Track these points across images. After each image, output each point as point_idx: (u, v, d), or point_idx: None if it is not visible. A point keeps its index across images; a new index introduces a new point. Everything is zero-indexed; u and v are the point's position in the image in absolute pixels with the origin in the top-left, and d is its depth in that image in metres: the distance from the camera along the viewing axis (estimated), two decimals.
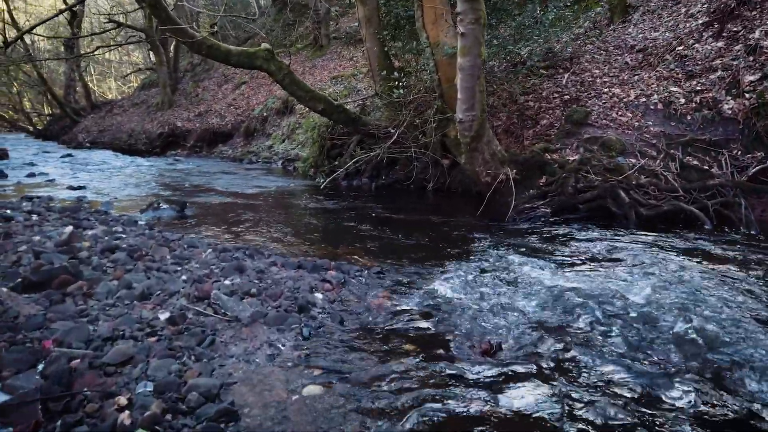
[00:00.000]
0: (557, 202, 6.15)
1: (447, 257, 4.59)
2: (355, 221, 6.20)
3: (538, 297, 3.49)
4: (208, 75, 23.16)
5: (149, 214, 5.99)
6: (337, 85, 14.08)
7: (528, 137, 7.66)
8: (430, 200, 8.04)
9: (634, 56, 8.67)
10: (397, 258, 4.58)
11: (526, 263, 4.31)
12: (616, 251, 4.71)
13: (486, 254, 4.64)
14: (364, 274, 3.89)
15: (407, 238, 5.42)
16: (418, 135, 8.01)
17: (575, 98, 7.88)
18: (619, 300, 3.49)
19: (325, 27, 19.34)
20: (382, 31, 8.58)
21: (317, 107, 7.77)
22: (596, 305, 3.37)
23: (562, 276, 3.98)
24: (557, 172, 6.42)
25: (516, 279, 3.89)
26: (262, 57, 7.15)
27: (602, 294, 3.57)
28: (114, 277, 3.09)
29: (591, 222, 5.91)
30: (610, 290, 3.65)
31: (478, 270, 4.13)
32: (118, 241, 3.94)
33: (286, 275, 3.52)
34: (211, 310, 2.72)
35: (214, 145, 17.20)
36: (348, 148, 9.39)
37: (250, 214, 6.48)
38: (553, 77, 8.77)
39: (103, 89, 42.85)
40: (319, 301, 3.14)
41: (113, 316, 2.59)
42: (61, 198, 7.01)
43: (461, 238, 5.34)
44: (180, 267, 3.48)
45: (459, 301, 3.36)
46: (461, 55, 5.91)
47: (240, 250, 4.24)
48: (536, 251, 4.72)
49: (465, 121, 6.20)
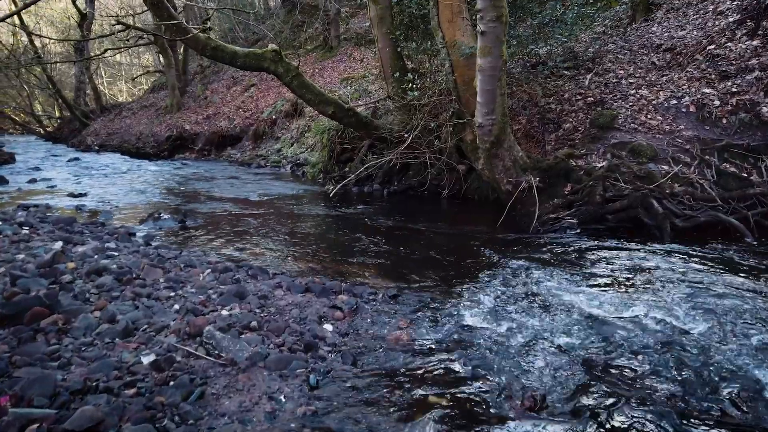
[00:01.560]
0: (584, 213, 5.72)
1: (469, 276, 4.18)
2: (367, 232, 5.81)
3: (577, 327, 3.07)
4: (217, 77, 22.91)
5: (149, 225, 5.64)
6: (348, 88, 13.70)
7: (550, 142, 7.23)
8: (445, 208, 7.62)
9: (661, 56, 8.21)
10: (414, 276, 4.18)
11: (558, 284, 3.89)
12: (655, 269, 4.27)
13: (512, 272, 4.23)
14: (378, 297, 3.49)
15: (423, 252, 5.02)
16: (432, 139, 7.60)
17: (600, 100, 7.43)
18: (667, 330, 3.07)
19: (335, 28, 19.00)
20: (395, 30, 8.18)
21: (327, 110, 7.39)
22: (643, 337, 2.95)
23: (599, 300, 3.56)
24: (583, 179, 5.99)
25: (549, 304, 3.48)
26: (269, 58, 6.78)
27: (648, 323, 3.15)
28: (96, 307, 2.72)
29: (621, 234, 5.48)
30: (656, 318, 3.22)
31: (506, 293, 3.72)
32: (108, 260, 3.58)
33: (291, 301, 3.13)
34: (204, 351, 2.34)
35: (222, 149, 16.90)
36: (359, 153, 9.01)
37: (255, 224, 6.11)
38: (574, 78, 8.33)
39: (114, 92, 42.92)
40: (329, 334, 2.75)
41: (89, 360, 2.22)
42: (59, 207, 6.70)
43: (483, 252, 4.92)
44: (174, 292, 3.10)
45: (487, 333, 2.95)
46: (481, 55, 5.50)
47: (243, 268, 3.87)
48: (567, 269, 4.30)
49: (485, 125, 5.80)
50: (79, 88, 27.28)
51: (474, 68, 6.92)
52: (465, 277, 4.18)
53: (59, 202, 7.11)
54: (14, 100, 29.65)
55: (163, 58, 20.82)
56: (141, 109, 24.09)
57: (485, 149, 5.91)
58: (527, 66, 8.64)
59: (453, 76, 6.98)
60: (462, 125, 7.26)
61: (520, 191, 5.92)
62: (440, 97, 7.59)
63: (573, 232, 5.65)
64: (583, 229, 5.66)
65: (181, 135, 18.04)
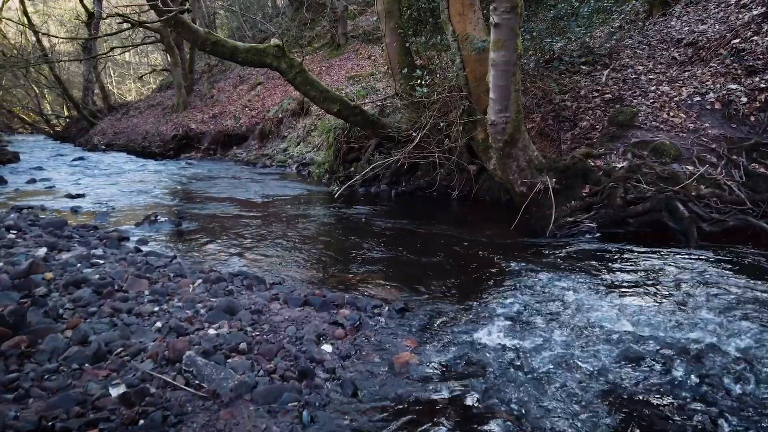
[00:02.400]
0: (604, 216, 5.37)
1: (482, 286, 3.87)
2: (373, 236, 5.51)
3: (604, 349, 2.75)
4: (224, 76, 22.71)
5: (145, 228, 5.38)
6: (355, 85, 13.40)
7: (566, 141, 6.88)
8: (455, 210, 7.30)
9: (683, 50, 7.82)
10: (423, 286, 3.87)
11: (580, 296, 3.57)
12: (683, 278, 3.94)
13: (529, 282, 3.91)
14: (383, 311, 3.19)
15: (433, 258, 4.71)
16: (442, 138, 7.28)
17: (618, 97, 7.07)
18: (708, 352, 2.74)
19: (343, 25, 18.71)
20: (403, 25, 7.87)
21: (332, 109, 7.09)
22: (679, 361, 2.63)
23: (625, 314, 3.23)
24: (602, 180, 5.65)
25: (571, 319, 3.16)
26: (272, 54, 6.50)
27: (683, 342, 2.82)
28: (68, 326, 2.45)
29: (644, 239, 5.13)
30: (692, 339, 2.90)
31: (522, 306, 3.40)
32: (91, 269, 3.31)
33: (288, 316, 2.84)
34: (183, 380, 2.06)
35: (228, 148, 16.67)
36: (365, 153, 8.71)
37: (255, 227, 5.83)
38: (590, 74, 7.96)
39: (122, 91, 42.96)
40: (328, 357, 2.45)
41: (50, 391, 1.94)
42: (55, 208, 6.47)
43: (496, 259, 4.60)
44: (158, 306, 2.82)
45: (504, 355, 2.64)
46: (494, 49, 5.18)
47: (238, 277, 3.58)
48: (588, 278, 3.97)
49: (498, 123, 5.47)
50: (87, 87, 27.22)
51: (486, 63, 6.59)
52: (477, 287, 3.87)
53: (55, 203, 6.88)
54: (21, 101, 29.70)
55: (169, 56, 20.63)
56: (148, 108, 23.96)
57: (498, 149, 5.59)
58: (540, 61, 8.29)
59: (464, 71, 6.66)
60: (473, 123, 6.93)
61: (535, 193, 5.60)
62: (450, 94, 7.26)
63: (592, 236, 5.31)
64: (602, 233, 5.32)
65: (186, 134, 17.85)
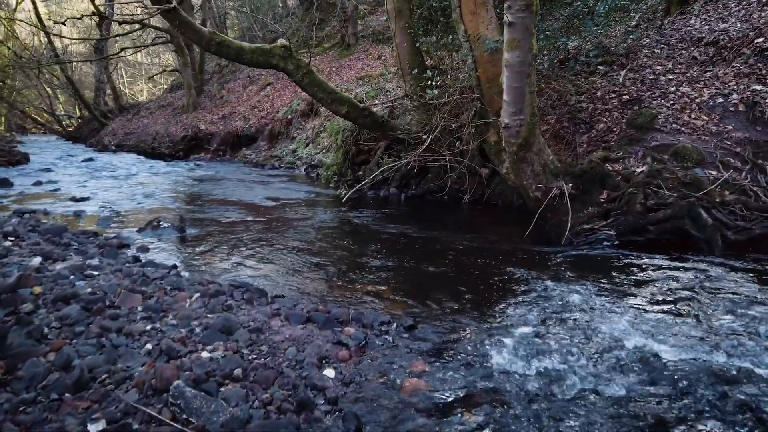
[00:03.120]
0: (623, 223, 5.13)
1: (496, 299, 3.66)
2: (381, 244, 5.32)
3: (632, 373, 2.54)
4: (234, 77, 22.63)
5: (147, 234, 5.23)
6: (364, 86, 13.21)
7: (581, 144, 6.64)
8: (466, 215, 7.09)
9: (703, 50, 7.53)
10: (433, 299, 3.68)
11: (600, 312, 3.35)
12: (710, 292, 3.70)
13: (545, 295, 3.69)
14: (391, 329, 3.00)
15: (443, 267, 4.51)
16: (453, 141, 7.07)
17: (636, 98, 6.81)
18: (741, 376, 2.52)
19: (353, 25, 18.53)
20: (414, 24, 7.67)
21: (340, 110, 6.91)
22: (711, 387, 2.41)
23: (651, 333, 3.01)
24: (621, 186, 5.41)
25: (593, 338, 2.94)
26: (278, 54, 6.33)
27: (715, 368, 2.60)
28: (52, 348, 2.28)
29: (665, 247, 4.88)
30: (723, 361, 2.67)
31: (540, 322, 3.19)
32: (83, 282, 3.16)
33: (289, 335, 2.66)
34: (169, 414, 1.88)
35: (237, 149, 16.56)
36: (375, 155, 8.52)
37: (260, 233, 5.67)
38: (607, 74, 7.71)
39: (134, 91, 43.19)
40: (330, 383, 2.26)
41: (23, 427, 1.77)
42: (58, 212, 6.36)
43: (510, 269, 4.39)
44: (151, 325, 2.65)
45: (521, 381, 2.44)
46: (508, 49, 4.96)
47: (238, 290, 3.41)
48: (608, 291, 3.75)
49: (512, 126, 5.25)
50: (98, 88, 27.34)
51: (499, 64, 6.37)
52: (491, 300, 3.66)
53: (59, 207, 6.78)
54: (34, 102, 29.91)
55: (179, 57, 20.59)
56: (158, 109, 23.96)
57: (512, 152, 5.37)
58: (555, 62, 8.05)
59: (476, 72, 6.45)
60: (485, 126, 6.72)
61: (550, 199, 5.37)
62: (462, 96, 7.05)
63: (610, 244, 5.08)
64: (621, 241, 5.08)
65: (196, 135, 17.77)
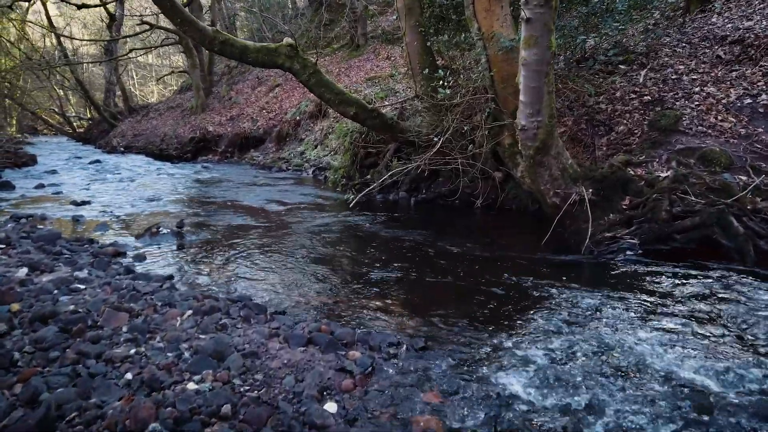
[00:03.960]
0: (647, 231, 4.84)
1: (514, 316, 3.39)
2: (390, 251, 5.06)
3: (666, 407, 2.26)
4: (243, 78, 22.50)
5: (145, 241, 5.02)
6: (373, 87, 12.97)
7: (600, 147, 6.35)
8: (479, 220, 6.81)
9: (728, 48, 7.20)
10: (445, 315, 3.41)
11: (630, 330, 3.07)
12: (745, 307, 3.41)
13: (568, 311, 3.42)
14: (401, 351, 2.74)
15: (456, 278, 4.24)
16: (465, 144, 6.80)
17: (658, 99, 6.50)
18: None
19: (362, 26, 18.31)
20: (425, 22, 7.41)
21: (348, 111, 6.67)
22: (756, 421, 2.13)
23: (685, 357, 2.73)
24: (645, 191, 5.11)
25: (623, 363, 2.66)
26: (284, 54, 6.10)
27: (758, 398, 2.31)
28: (20, 378, 2.05)
29: (692, 257, 4.59)
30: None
31: (563, 344, 2.91)
32: (68, 297, 2.93)
33: (287, 360, 2.41)
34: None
35: (245, 151, 16.39)
36: (384, 158, 8.26)
37: (264, 239, 5.43)
38: (626, 74, 7.40)
39: (145, 93, 43.34)
40: (331, 420, 2.00)
41: None
42: (56, 217, 6.17)
43: (528, 281, 4.11)
44: (135, 348, 2.41)
45: (546, 417, 2.17)
46: (525, 47, 4.68)
47: (236, 305, 3.16)
48: (635, 306, 3.46)
49: (528, 128, 4.97)
50: (108, 89, 27.39)
51: (514, 63, 6.10)
52: (508, 317, 3.39)
53: (59, 211, 6.59)
54: (44, 103, 30.05)
55: (187, 58, 20.49)
56: (167, 110, 23.91)
57: (529, 156, 5.09)
58: (571, 61, 7.75)
59: (490, 72, 6.18)
60: (499, 128, 6.45)
61: (569, 205, 5.08)
62: (475, 97, 6.78)
63: (633, 254, 4.78)
64: (645, 250, 4.79)
65: (204, 137, 17.65)
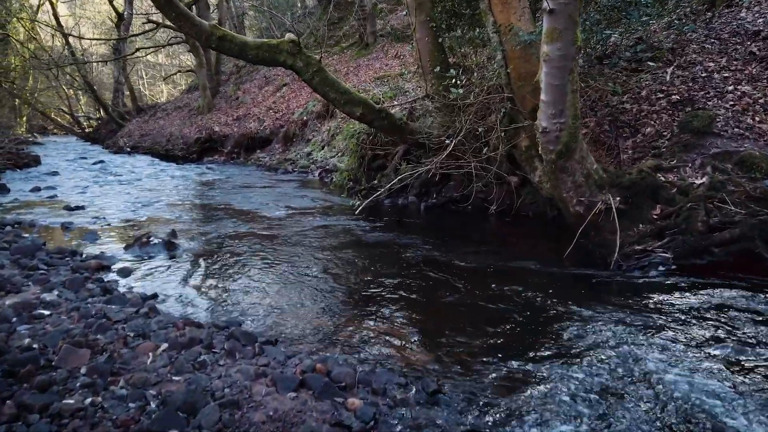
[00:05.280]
0: (681, 244, 4.39)
1: (536, 348, 2.96)
2: (397, 265, 4.64)
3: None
4: (251, 77, 22.19)
5: (134, 252, 4.65)
6: (383, 86, 12.56)
7: (626, 150, 5.89)
8: (493, 228, 6.38)
9: (762, 45, 6.70)
10: (459, 345, 3.00)
11: (670, 363, 2.64)
12: None
13: (597, 339, 2.99)
14: (410, 395, 2.33)
15: (470, 298, 3.82)
16: (479, 146, 6.37)
17: (688, 98, 6.03)
18: None
19: (371, 24, 17.90)
20: (436, 18, 6.98)
21: (354, 112, 6.27)
22: None
23: (736, 396, 2.30)
24: (677, 200, 4.66)
25: (669, 409, 2.24)
26: (286, 51, 5.71)
27: None
28: None
29: (732, 271, 4.14)
30: None
31: (595, 383, 2.49)
32: (27, 327, 2.55)
33: (273, 411, 2.01)
34: None
35: (251, 152, 16.04)
36: (392, 161, 7.85)
37: (261, 250, 5.04)
38: (650, 72, 6.92)
39: (154, 93, 43.31)
40: None
41: None
42: (45, 224, 5.84)
43: (550, 301, 3.69)
44: (90, 398, 2.01)
45: None
46: (548, 41, 4.25)
47: (220, 334, 2.78)
48: (674, 333, 3.03)
49: (550, 130, 4.53)
50: (117, 89, 27.26)
51: (533, 60, 5.66)
52: (530, 347, 2.96)
53: (49, 217, 6.26)
54: (54, 103, 30.01)
55: (194, 57, 20.22)
56: (175, 110, 23.66)
57: (550, 161, 4.65)
58: (592, 58, 7.28)
59: (506, 69, 5.75)
60: (515, 129, 6.02)
61: (594, 214, 4.64)
62: (489, 96, 6.36)
63: (666, 269, 4.33)
64: (679, 264, 4.34)
65: (210, 137, 17.35)
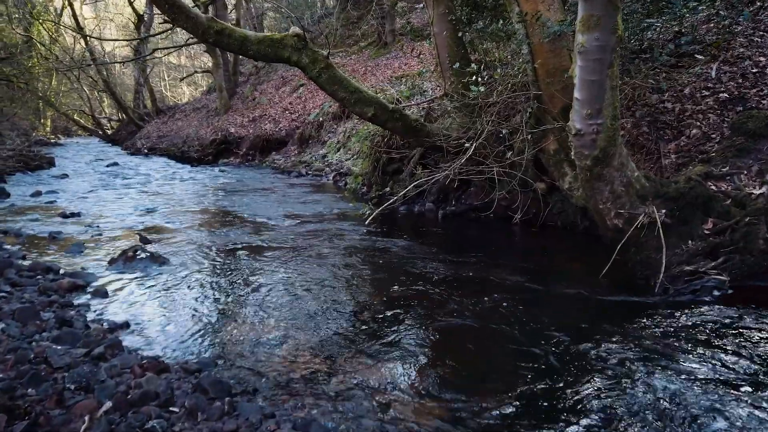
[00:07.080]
0: (739, 264, 3.79)
1: (571, 400, 2.41)
2: (410, 285, 4.11)
3: None
4: (268, 77, 21.92)
5: (117, 267, 4.22)
6: (400, 86, 12.04)
7: (668, 154, 5.27)
8: (517, 240, 5.82)
9: None
10: (482, 395, 2.47)
11: (731, 414, 2.07)
12: None
13: (642, 387, 2.43)
14: None
15: (493, 326, 3.29)
16: (502, 149, 5.82)
17: (738, 97, 5.38)
18: None
19: (390, 23, 17.41)
20: (456, 10, 6.44)
21: (366, 112, 5.77)
22: None
23: None
24: (733, 213, 4.04)
25: None
26: (290, 46, 5.23)
27: None
28: None
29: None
30: None
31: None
32: None
33: None
34: None
35: (266, 153, 15.72)
36: (408, 164, 7.34)
37: (260, 266, 4.56)
38: (691, 67, 6.26)
39: (176, 94, 43.56)
40: None
41: None
42: (34, 233, 5.48)
43: (585, 332, 3.13)
44: None
45: None
46: (583, 30, 3.67)
47: (185, 382, 2.30)
48: (736, 376, 2.45)
49: (585, 133, 3.95)
50: (137, 90, 27.35)
51: (562, 53, 5.09)
52: (564, 401, 2.42)
53: (42, 224, 5.92)
54: (77, 105, 30.29)
55: (210, 58, 20.01)
56: (193, 111, 23.53)
57: (585, 167, 4.07)
58: (627, 51, 6.65)
59: (533, 64, 5.19)
60: (543, 131, 5.45)
61: (635, 228, 4.05)
62: (514, 94, 5.80)
63: (722, 293, 3.73)
64: (736, 287, 3.74)
65: (225, 138, 17.09)
